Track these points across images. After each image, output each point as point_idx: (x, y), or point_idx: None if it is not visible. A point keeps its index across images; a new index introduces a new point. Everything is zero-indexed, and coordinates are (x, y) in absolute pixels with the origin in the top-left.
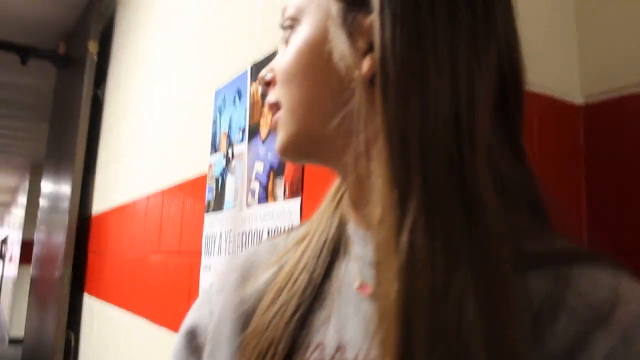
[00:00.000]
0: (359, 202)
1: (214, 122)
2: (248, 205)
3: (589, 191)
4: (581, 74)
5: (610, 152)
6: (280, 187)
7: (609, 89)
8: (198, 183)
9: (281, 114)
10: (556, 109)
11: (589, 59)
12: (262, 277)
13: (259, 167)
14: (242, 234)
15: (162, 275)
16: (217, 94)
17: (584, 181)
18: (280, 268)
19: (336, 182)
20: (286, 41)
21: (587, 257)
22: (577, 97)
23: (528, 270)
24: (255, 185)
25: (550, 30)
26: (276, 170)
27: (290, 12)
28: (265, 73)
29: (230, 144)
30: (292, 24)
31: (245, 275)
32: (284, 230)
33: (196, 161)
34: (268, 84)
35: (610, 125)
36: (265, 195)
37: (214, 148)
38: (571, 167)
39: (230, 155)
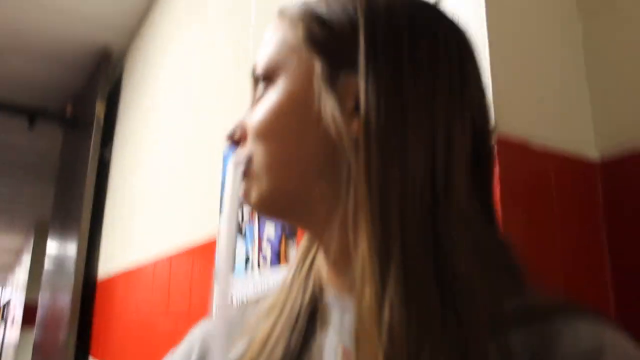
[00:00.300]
0: (341, 267)
1: (223, 185)
2: (260, 270)
3: (612, 247)
4: (596, 130)
5: (631, 208)
6: (293, 248)
7: (624, 145)
8: (207, 247)
9: (255, 170)
10: (572, 166)
11: (602, 115)
12: (232, 351)
13: (270, 230)
14: None
15: (171, 341)
16: (226, 155)
17: (605, 237)
18: (252, 340)
19: (304, 243)
20: (259, 97)
21: (570, 309)
22: (592, 154)
23: (510, 328)
24: (267, 250)
25: (562, 88)
26: (288, 233)
27: (264, 67)
28: (235, 130)
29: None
30: (267, 79)
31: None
32: (252, 299)
33: (205, 224)
34: (237, 142)
35: (628, 180)
36: (278, 258)
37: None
38: (591, 224)
39: (240, 218)
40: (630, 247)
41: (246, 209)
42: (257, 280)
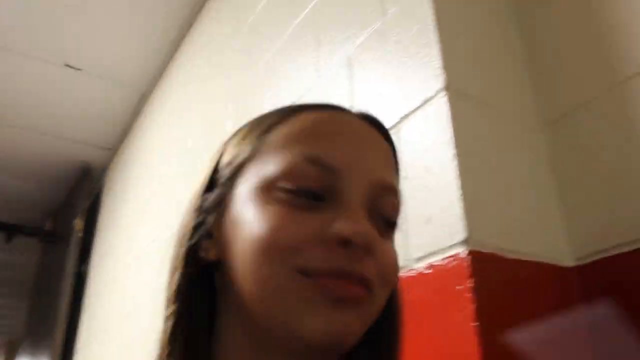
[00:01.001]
0: None
1: None
2: None
3: (595, 350)
4: (569, 237)
5: (609, 311)
6: None
7: (598, 249)
8: None
9: (370, 308)
10: (547, 273)
11: (573, 222)
12: None
13: None
14: None
15: None
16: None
17: (590, 342)
18: None
19: None
20: (387, 236)
21: None
22: (567, 260)
23: None
24: None
25: (530, 198)
26: None
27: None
28: (372, 240)
29: None
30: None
31: None
32: None
33: None
34: (368, 253)
35: (604, 285)
36: None
37: None
38: (573, 327)
39: None
40: (613, 348)
41: None
42: None
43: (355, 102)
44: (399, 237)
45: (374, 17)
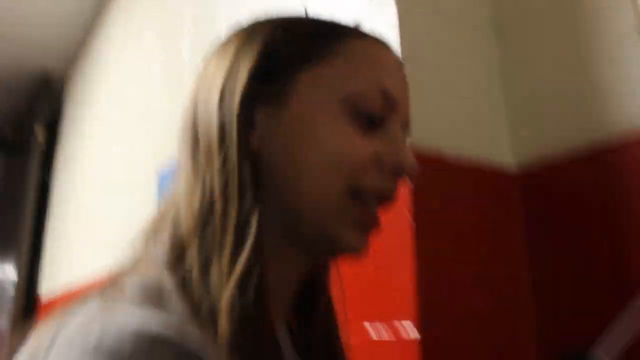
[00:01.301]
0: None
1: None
2: None
3: (532, 257)
4: (512, 140)
5: (550, 217)
6: None
7: (542, 154)
8: None
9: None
10: (490, 178)
11: (518, 126)
12: None
13: None
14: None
15: None
16: (160, 175)
17: (527, 247)
18: None
19: None
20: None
21: None
22: (509, 163)
23: None
24: None
25: (476, 98)
26: None
27: None
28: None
29: None
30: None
31: None
32: None
33: None
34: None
35: (545, 190)
36: None
37: None
38: (512, 234)
39: None
40: (550, 257)
41: None
42: None
43: (310, 6)
44: None
45: None
